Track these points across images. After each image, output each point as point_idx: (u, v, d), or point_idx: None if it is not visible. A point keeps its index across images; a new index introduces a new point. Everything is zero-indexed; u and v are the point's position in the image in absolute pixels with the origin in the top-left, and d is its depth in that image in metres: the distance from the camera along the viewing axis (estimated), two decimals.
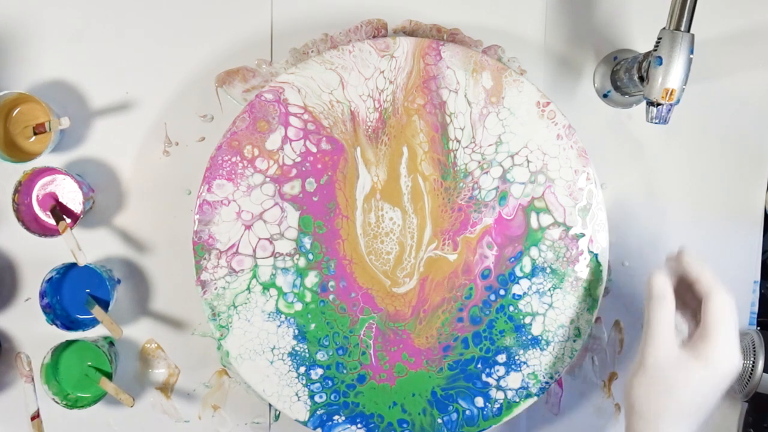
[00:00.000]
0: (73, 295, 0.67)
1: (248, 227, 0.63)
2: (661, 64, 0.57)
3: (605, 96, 0.70)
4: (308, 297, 0.64)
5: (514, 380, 0.65)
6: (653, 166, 0.72)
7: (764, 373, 0.68)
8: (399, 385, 0.65)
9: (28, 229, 0.63)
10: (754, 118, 0.73)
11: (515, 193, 0.64)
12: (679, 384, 0.52)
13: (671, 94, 0.56)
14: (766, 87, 0.73)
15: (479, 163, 0.64)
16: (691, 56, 0.57)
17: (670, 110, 0.58)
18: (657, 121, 0.58)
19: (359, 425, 0.65)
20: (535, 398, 0.65)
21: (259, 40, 0.69)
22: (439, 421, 0.65)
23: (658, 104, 0.58)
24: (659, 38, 0.58)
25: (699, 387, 0.52)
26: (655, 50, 0.58)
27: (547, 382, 0.65)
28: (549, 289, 0.65)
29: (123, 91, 0.68)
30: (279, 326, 0.64)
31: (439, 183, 0.64)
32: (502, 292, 0.65)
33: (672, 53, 0.57)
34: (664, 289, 0.55)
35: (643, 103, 0.66)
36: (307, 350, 0.64)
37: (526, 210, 0.65)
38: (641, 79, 0.62)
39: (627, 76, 0.65)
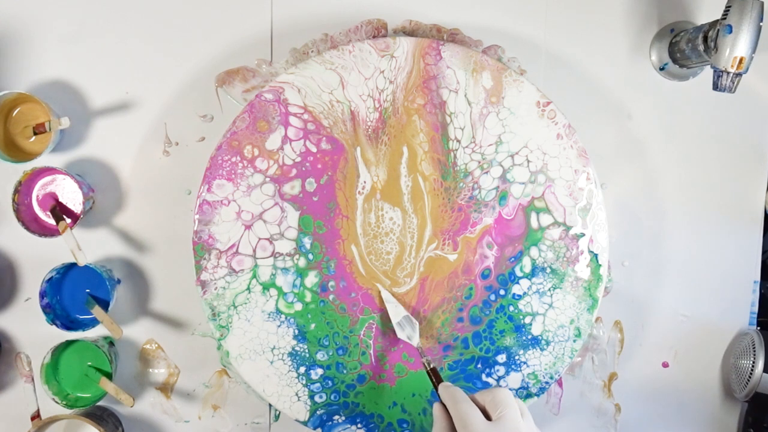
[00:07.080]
0: (73, 295, 0.67)
1: (248, 227, 0.63)
2: (730, 32, 0.57)
3: (662, 69, 0.71)
4: (308, 297, 0.64)
5: (514, 380, 0.65)
6: (653, 166, 0.72)
7: (764, 373, 0.68)
8: (399, 385, 0.65)
9: (28, 229, 0.63)
10: (754, 118, 0.73)
11: (515, 192, 0.64)
12: None
13: (740, 62, 0.56)
14: (766, 87, 0.73)
15: (479, 162, 0.64)
16: (761, 24, 0.56)
17: (738, 79, 0.58)
18: (724, 90, 0.58)
19: (359, 425, 0.64)
20: (535, 398, 0.65)
21: (259, 40, 0.69)
22: None
23: (727, 73, 0.57)
24: (728, 6, 0.57)
25: None
26: (724, 18, 0.57)
27: (547, 382, 0.65)
28: (549, 289, 0.65)
29: (123, 91, 0.68)
30: (279, 326, 0.64)
31: (439, 183, 0.64)
32: (502, 292, 0.65)
33: (742, 21, 0.56)
34: (441, 412, 0.52)
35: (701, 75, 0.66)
36: (307, 350, 0.64)
37: (526, 210, 0.65)
38: (706, 49, 0.61)
39: (689, 46, 0.64)
